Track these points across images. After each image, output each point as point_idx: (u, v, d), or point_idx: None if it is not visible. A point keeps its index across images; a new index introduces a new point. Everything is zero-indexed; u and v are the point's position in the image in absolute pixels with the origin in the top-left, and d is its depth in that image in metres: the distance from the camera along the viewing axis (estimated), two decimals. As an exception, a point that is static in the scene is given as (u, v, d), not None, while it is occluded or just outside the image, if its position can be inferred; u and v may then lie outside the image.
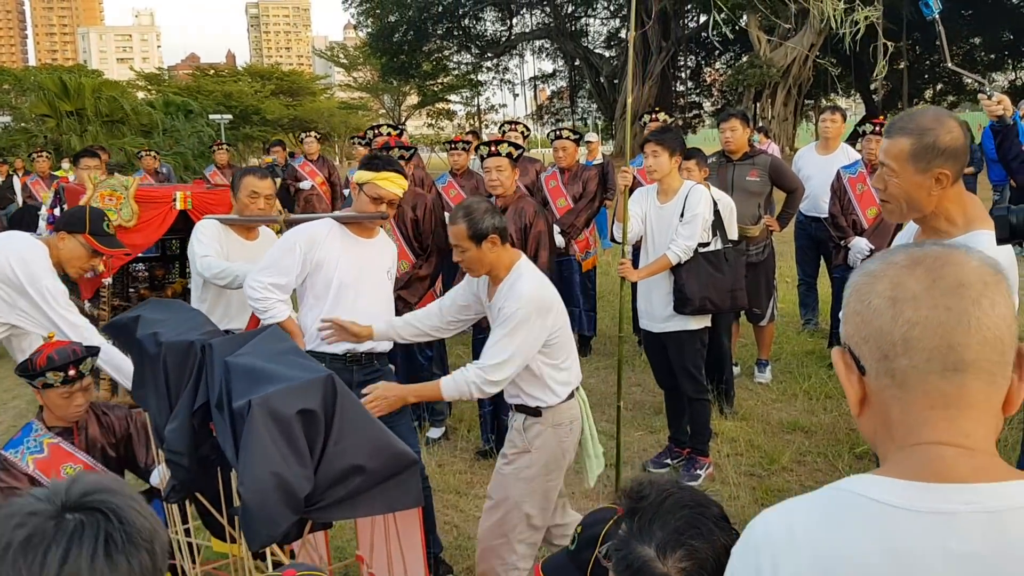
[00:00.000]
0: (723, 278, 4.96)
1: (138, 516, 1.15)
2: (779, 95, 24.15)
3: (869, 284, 1.14)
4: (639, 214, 5.01)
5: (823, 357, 7.11)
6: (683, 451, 5.20)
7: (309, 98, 53.04)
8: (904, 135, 2.33)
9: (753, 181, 6.25)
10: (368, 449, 2.26)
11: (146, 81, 49.31)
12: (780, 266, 8.15)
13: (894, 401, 1.13)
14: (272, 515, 2.10)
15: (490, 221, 3.22)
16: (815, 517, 1.12)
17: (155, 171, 13.55)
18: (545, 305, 3.20)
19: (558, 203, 7.03)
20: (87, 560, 1.08)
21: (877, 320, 1.12)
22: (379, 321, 3.76)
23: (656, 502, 1.58)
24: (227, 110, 38.95)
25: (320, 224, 3.97)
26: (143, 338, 2.86)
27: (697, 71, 33.85)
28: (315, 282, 3.88)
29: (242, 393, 2.22)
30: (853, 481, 1.13)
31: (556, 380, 3.30)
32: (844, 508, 1.10)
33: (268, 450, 2.11)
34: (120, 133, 30.23)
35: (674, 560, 1.53)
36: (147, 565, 1.13)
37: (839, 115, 7.32)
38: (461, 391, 3.15)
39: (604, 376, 6.94)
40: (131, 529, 1.13)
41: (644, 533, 1.55)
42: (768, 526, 1.15)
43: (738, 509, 4.57)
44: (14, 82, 37.71)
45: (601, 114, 33.76)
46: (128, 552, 1.11)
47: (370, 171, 3.91)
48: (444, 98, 45.48)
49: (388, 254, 4.11)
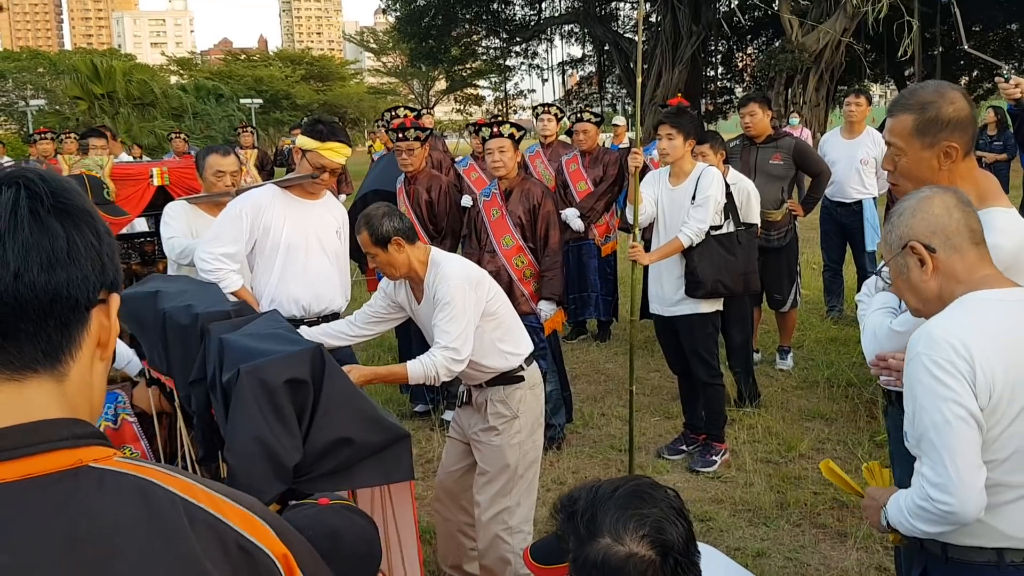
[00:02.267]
0: (736, 261, 4.87)
1: (70, 191, 0.92)
2: (811, 80, 23.77)
3: (927, 202, 2.00)
4: (651, 197, 4.94)
5: (846, 343, 7.00)
6: (699, 437, 5.14)
7: (339, 83, 53.24)
8: (906, 111, 2.27)
9: (776, 165, 6.15)
10: (358, 421, 2.25)
11: (178, 65, 49.75)
12: (805, 252, 8.04)
13: (957, 261, 1.97)
14: (258, 483, 2.09)
15: (389, 224, 3.27)
16: (964, 315, 1.90)
17: (184, 153, 13.66)
18: (474, 279, 3.32)
19: (578, 186, 6.96)
20: (8, 217, 0.87)
21: (940, 220, 1.97)
22: (332, 279, 4.10)
23: (588, 498, 1.55)
24: (258, 95, 39.22)
25: (263, 190, 4.08)
26: (173, 311, 2.89)
27: (728, 56, 33.44)
28: (264, 247, 3.99)
29: (233, 367, 2.22)
30: (969, 296, 1.93)
31: (505, 351, 3.41)
32: (975, 306, 1.91)
33: (255, 418, 2.11)
34: (151, 116, 30.54)
35: (631, 534, 1.49)
36: (91, 241, 0.91)
37: (864, 98, 7.16)
38: (428, 374, 3.19)
39: (622, 361, 6.87)
40: (61, 196, 0.91)
41: (591, 529, 1.51)
42: (941, 331, 1.89)
43: (753, 496, 4.51)
44: (49, 66, 38.21)
45: (631, 99, 33.51)
46: (61, 219, 0.90)
47: (314, 139, 3.94)
48: (472, 83, 45.39)
49: (338, 214, 4.26)
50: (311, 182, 4.03)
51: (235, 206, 4.01)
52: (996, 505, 1.85)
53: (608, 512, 1.51)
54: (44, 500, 0.84)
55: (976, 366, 1.82)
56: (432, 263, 3.35)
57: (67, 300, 0.89)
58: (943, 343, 1.85)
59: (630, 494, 1.53)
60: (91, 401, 0.95)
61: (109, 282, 0.94)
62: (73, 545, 0.83)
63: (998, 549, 1.88)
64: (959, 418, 1.82)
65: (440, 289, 3.25)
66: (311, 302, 4.05)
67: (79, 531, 0.83)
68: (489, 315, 3.35)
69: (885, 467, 2.35)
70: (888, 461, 2.54)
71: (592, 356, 7.23)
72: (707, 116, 30.99)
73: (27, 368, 0.88)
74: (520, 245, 5.12)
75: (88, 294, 0.91)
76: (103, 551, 0.83)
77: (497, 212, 5.18)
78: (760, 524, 4.23)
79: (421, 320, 3.48)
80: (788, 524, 4.21)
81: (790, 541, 4.05)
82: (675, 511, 1.54)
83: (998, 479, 1.85)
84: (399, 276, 3.38)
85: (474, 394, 3.52)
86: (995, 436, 1.84)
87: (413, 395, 5.99)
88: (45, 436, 0.87)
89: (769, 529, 4.18)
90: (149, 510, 0.87)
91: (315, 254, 4.05)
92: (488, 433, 3.45)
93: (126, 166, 5.79)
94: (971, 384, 1.82)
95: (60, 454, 0.87)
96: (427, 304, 3.38)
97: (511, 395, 3.45)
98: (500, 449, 3.42)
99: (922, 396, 1.87)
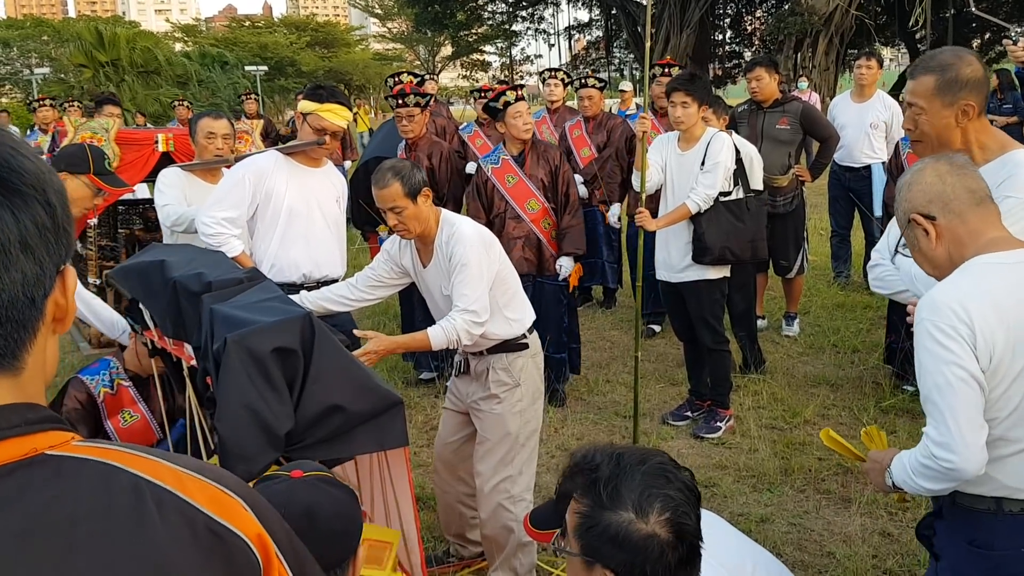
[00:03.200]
0: (744, 228, 4.82)
1: (15, 158, 0.83)
2: (820, 44, 23.45)
3: (920, 174, 2.11)
4: (659, 163, 4.88)
5: (853, 309, 6.97)
6: (703, 404, 5.13)
7: (344, 49, 52.82)
8: (928, 73, 2.45)
9: (783, 129, 6.07)
10: (349, 389, 2.25)
11: (183, 32, 49.39)
12: (813, 218, 7.97)
13: (960, 225, 2.05)
14: (249, 451, 2.09)
15: (419, 175, 3.22)
16: (966, 280, 2.00)
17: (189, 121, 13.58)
18: (487, 240, 3.29)
19: (582, 153, 6.89)
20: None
21: (934, 188, 2.08)
22: (332, 246, 4.08)
23: (612, 466, 1.53)
24: (263, 61, 38.94)
25: (265, 156, 4.06)
26: (183, 279, 2.87)
27: (737, 19, 33.00)
28: (265, 213, 3.98)
29: (221, 337, 2.21)
30: (973, 261, 2.03)
31: (510, 318, 3.37)
32: (978, 270, 2.01)
33: (244, 387, 2.10)
34: (155, 84, 30.40)
35: (655, 515, 1.48)
36: (43, 220, 0.83)
37: (874, 61, 7.03)
38: (450, 338, 3.14)
39: (628, 328, 6.87)
40: (5, 173, 0.81)
41: (614, 499, 1.49)
42: (944, 297, 1.98)
43: (757, 462, 4.50)
44: (53, 34, 38.00)
45: (639, 64, 33.16)
46: (11, 203, 0.81)
47: (314, 102, 3.95)
48: (479, 49, 44.96)
49: (337, 182, 4.24)
50: (314, 148, 4.00)
51: (238, 171, 3.99)
52: (997, 458, 1.99)
53: (634, 487, 1.50)
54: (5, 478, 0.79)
55: (976, 329, 1.93)
56: (445, 222, 3.29)
57: (22, 301, 0.82)
58: (945, 308, 1.96)
59: (656, 472, 1.52)
60: (44, 375, 0.89)
61: (63, 256, 0.86)
62: (28, 540, 0.77)
63: (997, 498, 2.02)
64: (960, 380, 1.94)
65: (457, 250, 3.19)
66: (312, 269, 4.04)
67: (34, 526, 0.78)
68: (499, 280, 3.31)
69: (882, 431, 2.42)
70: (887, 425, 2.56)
71: (598, 323, 7.21)
72: (716, 81, 30.64)
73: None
74: (546, 208, 5.19)
75: (45, 288, 0.84)
76: (60, 545, 0.78)
77: (513, 178, 5.16)
78: (764, 490, 4.22)
79: (427, 284, 3.42)
80: (792, 490, 4.20)
81: (794, 507, 4.05)
82: (695, 496, 1.54)
83: (1000, 434, 1.99)
84: (417, 233, 3.28)
85: (473, 362, 3.47)
86: (997, 395, 1.97)
87: (418, 363, 5.99)
88: (6, 421, 0.81)
89: (773, 495, 4.18)
90: (111, 498, 0.82)
91: (316, 221, 4.04)
92: (489, 401, 3.41)
93: (132, 131, 5.76)
94: (972, 347, 1.93)
95: (13, 443, 0.81)
96: (435, 267, 3.31)
97: (513, 363, 3.41)
98: (501, 417, 3.38)
99: (926, 360, 1.99)
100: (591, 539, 1.50)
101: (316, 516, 1.64)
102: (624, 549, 1.48)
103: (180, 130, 5.84)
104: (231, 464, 2.07)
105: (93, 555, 0.79)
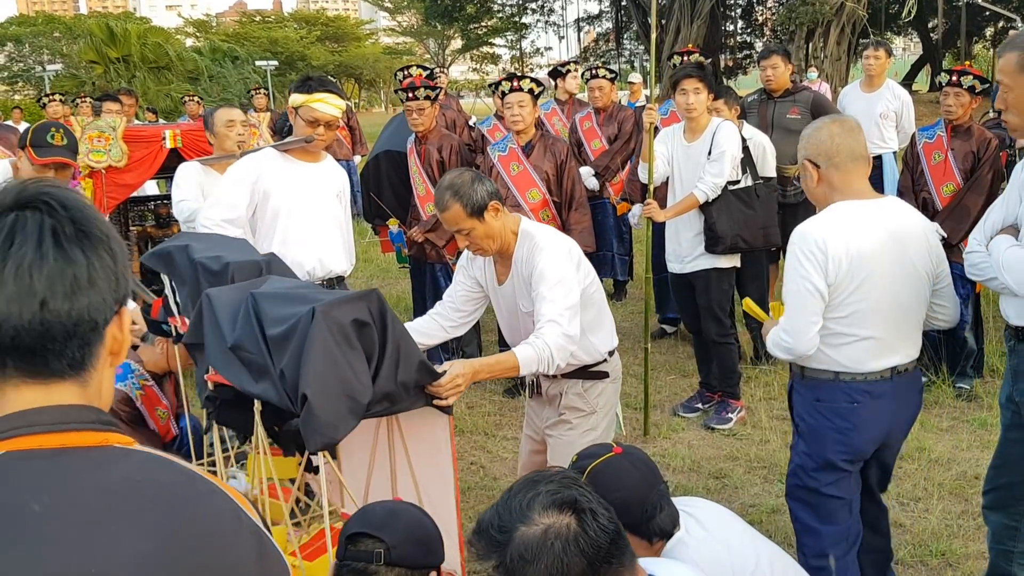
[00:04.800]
0: (755, 215, 4.81)
1: (88, 210, 1.01)
2: (832, 34, 23.29)
3: (819, 131, 2.76)
4: (664, 154, 4.85)
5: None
6: (714, 395, 5.12)
7: (354, 44, 52.85)
8: (1012, 50, 2.60)
9: (794, 119, 6.04)
10: (413, 366, 2.37)
11: (194, 28, 49.50)
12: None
13: (836, 175, 2.74)
14: (335, 418, 2.13)
15: (482, 189, 2.88)
16: (830, 219, 2.69)
17: (199, 116, 13.64)
18: (575, 254, 3.00)
19: (592, 144, 6.88)
20: (33, 248, 0.95)
21: (825, 144, 2.73)
22: (334, 242, 3.97)
23: (492, 513, 1.54)
24: (273, 56, 38.96)
25: (261, 154, 3.97)
26: (204, 260, 2.93)
27: (748, 10, 32.82)
28: (264, 212, 3.90)
29: (280, 315, 2.27)
30: (835, 205, 2.72)
31: (594, 342, 3.10)
32: (841, 211, 2.69)
33: (334, 354, 2.14)
34: (166, 79, 30.47)
35: (537, 512, 1.48)
36: (108, 263, 1.00)
37: (883, 51, 6.97)
38: (541, 357, 2.75)
39: (638, 320, 6.86)
40: (82, 221, 0.99)
41: (504, 532, 1.49)
42: (810, 229, 2.68)
43: (768, 453, 4.50)
44: (64, 30, 38.14)
45: (649, 56, 32.99)
46: (82, 245, 0.98)
47: (303, 93, 3.85)
48: (488, 42, 44.91)
49: (337, 177, 4.11)
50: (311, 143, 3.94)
51: (235, 171, 3.92)
52: (835, 344, 2.76)
53: (511, 506, 1.49)
54: (78, 460, 0.96)
55: (829, 255, 2.65)
56: (524, 234, 2.97)
57: (88, 323, 0.99)
58: (809, 238, 2.68)
59: (523, 484, 1.52)
60: (102, 400, 1.05)
61: (122, 297, 1.04)
62: (105, 493, 0.94)
63: (835, 371, 2.79)
64: (807, 290, 2.69)
65: (539, 261, 2.88)
66: (315, 266, 3.97)
67: (111, 482, 0.95)
68: (586, 299, 3.00)
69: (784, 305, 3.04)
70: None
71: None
72: (726, 72, 30.50)
73: (55, 377, 0.99)
74: (546, 199, 5.19)
75: (106, 315, 1.01)
76: (134, 504, 0.94)
77: (517, 167, 5.17)
78: (775, 481, 4.22)
79: (502, 304, 3.15)
80: (803, 481, 4.19)
81: (805, 498, 4.04)
82: (571, 479, 1.53)
83: (839, 329, 2.74)
84: (493, 250, 2.97)
85: (545, 385, 3.16)
86: (839, 302, 2.71)
87: (428, 355, 5.99)
88: (75, 417, 0.98)
89: (784, 486, 4.17)
90: (172, 477, 1.00)
91: (317, 217, 3.95)
92: (559, 427, 3.14)
93: (140, 128, 5.79)
94: (823, 268, 2.66)
95: (89, 434, 0.98)
96: (513, 284, 3.03)
97: (590, 389, 3.13)
98: (572, 444, 3.00)
99: (789, 271, 2.74)
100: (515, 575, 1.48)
101: (399, 516, 1.86)
102: (537, 558, 1.45)
103: (188, 126, 5.87)
104: (312, 429, 2.11)
105: (159, 515, 0.94)
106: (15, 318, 0.95)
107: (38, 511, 0.90)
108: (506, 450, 4.73)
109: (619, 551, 1.49)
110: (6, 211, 0.98)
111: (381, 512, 2.02)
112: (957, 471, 4.21)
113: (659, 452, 4.55)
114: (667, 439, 4.79)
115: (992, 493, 2.92)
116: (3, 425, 0.96)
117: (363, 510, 2.07)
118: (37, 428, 0.96)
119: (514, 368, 2.76)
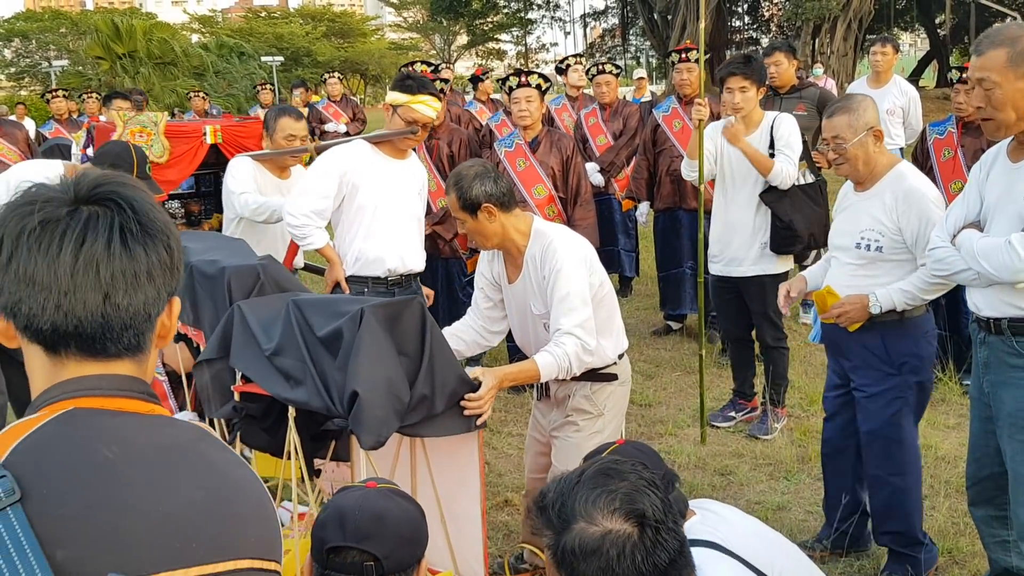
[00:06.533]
0: (821, 212, 4.61)
1: (152, 209, 1.11)
2: (839, 29, 23.23)
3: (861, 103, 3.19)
4: (711, 151, 4.61)
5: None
6: (748, 403, 4.97)
7: (360, 39, 52.77)
8: (997, 47, 2.46)
9: (800, 115, 5.98)
10: (452, 376, 2.39)
11: (199, 23, 49.51)
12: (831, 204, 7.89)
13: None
14: (383, 414, 2.15)
15: (480, 188, 2.85)
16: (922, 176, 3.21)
17: (205, 112, 13.65)
18: (588, 257, 2.98)
19: (598, 140, 6.87)
20: (103, 246, 1.05)
21: (876, 114, 3.21)
22: (414, 240, 4.00)
23: (557, 489, 1.51)
24: (279, 52, 38.96)
25: (353, 147, 3.93)
26: (199, 263, 2.94)
27: (755, 5, 32.75)
28: (351, 205, 3.85)
29: (327, 317, 2.31)
30: (904, 164, 3.22)
31: (604, 344, 3.05)
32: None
33: (384, 354, 2.18)
34: (172, 75, 30.48)
35: (602, 512, 1.45)
36: (164, 259, 1.11)
37: (890, 47, 6.94)
38: (561, 365, 2.80)
39: (643, 316, 6.86)
40: (145, 220, 1.09)
41: (563, 519, 1.47)
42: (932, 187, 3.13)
43: (774, 450, 4.49)
44: (71, 26, 38.18)
45: (655, 52, 32.94)
46: (145, 243, 1.08)
47: (405, 94, 3.83)
48: (494, 37, 44.89)
49: (419, 174, 4.11)
50: (402, 139, 3.90)
51: (325, 162, 3.86)
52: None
53: (577, 496, 1.47)
54: (135, 421, 1.09)
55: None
56: (537, 234, 2.95)
57: (143, 315, 1.10)
58: (935, 191, 3.11)
59: (596, 474, 1.50)
60: (147, 377, 1.17)
61: (173, 288, 1.14)
62: (163, 449, 1.07)
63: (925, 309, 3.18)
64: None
65: (550, 263, 2.87)
66: (396, 263, 3.93)
67: (164, 443, 1.08)
68: (597, 301, 2.98)
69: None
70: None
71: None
72: (732, 68, 30.41)
73: (111, 357, 1.11)
74: (552, 195, 5.17)
75: (159, 307, 1.13)
76: (184, 460, 1.07)
77: (524, 163, 5.17)
78: (781, 478, 4.21)
79: (514, 302, 3.12)
80: (809, 478, 4.19)
81: (811, 495, 4.04)
82: (646, 482, 1.50)
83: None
84: (491, 246, 3.01)
85: (553, 388, 3.14)
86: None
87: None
88: (130, 386, 1.11)
89: (790, 483, 4.17)
90: (211, 444, 1.13)
91: (400, 214, 3.92)
92: (566, 428, 3.12)
93: (180, 124, 5.72)
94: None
95: (142, 403, 1.11)
96: (524, 283, 3.02)
97: (598, 392, 3.10)
98: (578, 446, 2.98)
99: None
100: (565, 565, 1.47)
101: (386, 520, 1.78)
102: (588, 558, 1.44)
103: (228, 122, 5.79)
104: (364, 428, 2.11)
105: (204, 473, 1.08)
106: (80, 309, 1.05)
107: (110, 457, 1.03)
108: (511, 447, 4.73)
109: (677, 570, 1.47)
110: (79, 205, 1.06)
111: (365, 519, 1.78)
112: (963, 469, 4.18)
113: (665, 449, 4.54)
114: (673, 436, 4.79)
115: (976, 488, 2.95)
116: (71, 386, 1.08)
117: (341, 514, 1.79)
118: (98, 392, 1.08)
119: (535, 376, 2.84)
